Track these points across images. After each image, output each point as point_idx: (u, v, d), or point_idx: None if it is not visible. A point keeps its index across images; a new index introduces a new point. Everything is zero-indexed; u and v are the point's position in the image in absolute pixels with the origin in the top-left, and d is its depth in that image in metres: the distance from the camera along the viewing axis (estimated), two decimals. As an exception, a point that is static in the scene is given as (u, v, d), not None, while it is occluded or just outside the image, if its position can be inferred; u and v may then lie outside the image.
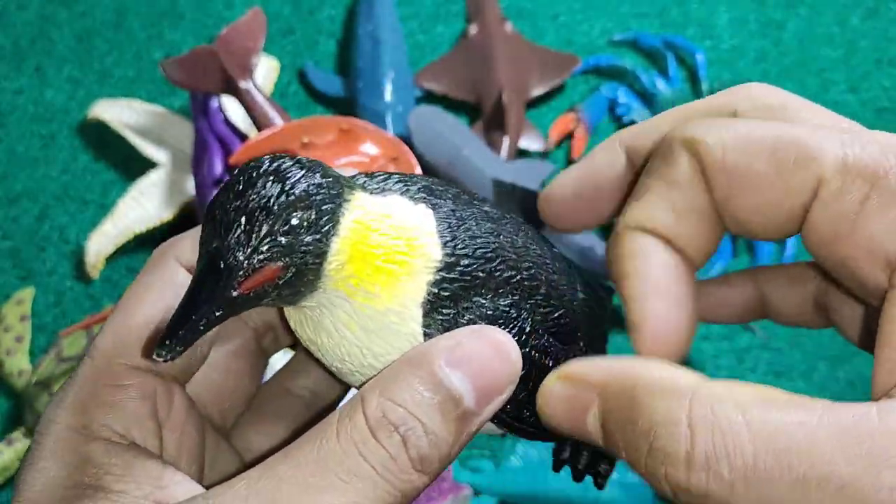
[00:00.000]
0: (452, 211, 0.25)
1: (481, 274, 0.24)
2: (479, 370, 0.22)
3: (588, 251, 0.55)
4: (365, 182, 0.25)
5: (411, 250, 0.24)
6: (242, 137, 0.59)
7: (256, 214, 0.21)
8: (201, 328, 0.21)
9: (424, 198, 0.25)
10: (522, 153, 0.64)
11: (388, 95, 0.64)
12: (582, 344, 0.27)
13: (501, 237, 0.25)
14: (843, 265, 0.22)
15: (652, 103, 0.66)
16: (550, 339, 0.26)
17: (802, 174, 0.22)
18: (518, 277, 0.25)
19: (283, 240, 0.22)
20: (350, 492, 0.21)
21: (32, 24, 0.72)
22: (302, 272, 0.22)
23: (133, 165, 0.65)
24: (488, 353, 0.22)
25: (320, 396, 0.30)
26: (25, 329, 0.59)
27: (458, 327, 0.24)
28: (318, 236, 0.22)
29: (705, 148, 0.23)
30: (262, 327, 0.29)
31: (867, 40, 0.71)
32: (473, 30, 0.69)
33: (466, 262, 0.24)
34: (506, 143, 0.62)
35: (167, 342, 0.21)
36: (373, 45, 0.67)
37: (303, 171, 0.22)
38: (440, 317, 0.24)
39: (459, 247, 0.24)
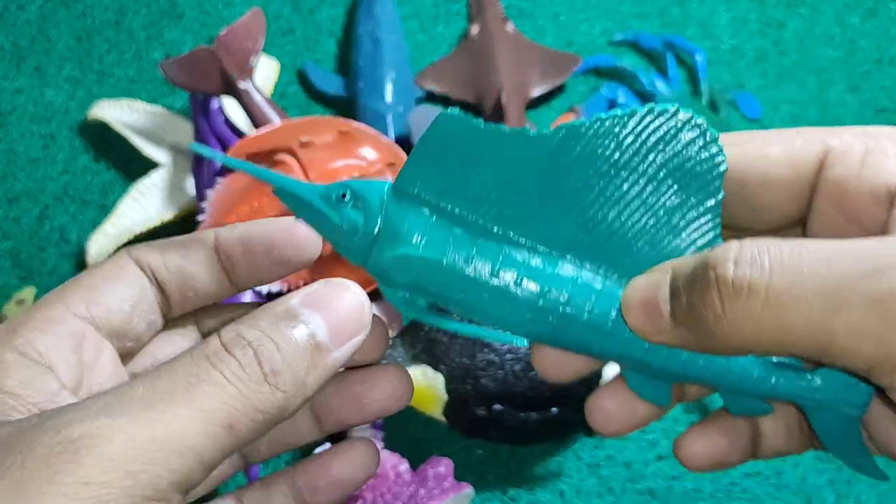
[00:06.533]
0: None
1: None
2: (331, 310, 0.25)
3: None
4: None
5: None
6: (243, 138, 0.59)
7: None
8: None
9: None
10: (522, 153, 0.64)
11: (388, 95, 0.64)
12: None
13: None
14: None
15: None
16: None
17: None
18: None
19: None
20: (197, 397, 0.22)
21: (32, 23, 0.72)
22: None
23: (133, 166, 0.65)
24: (339, 297, 0.25)
25: None
26: (26, 329, 0.59)
27: None
28: None
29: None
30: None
31: (867, 40, 0.71)
32: (475, 30, 0.69)
33: None
34: (506, 143, 0.62)
35: None
36: (373, 45, 0.67)
37: None
38: None
39: None
